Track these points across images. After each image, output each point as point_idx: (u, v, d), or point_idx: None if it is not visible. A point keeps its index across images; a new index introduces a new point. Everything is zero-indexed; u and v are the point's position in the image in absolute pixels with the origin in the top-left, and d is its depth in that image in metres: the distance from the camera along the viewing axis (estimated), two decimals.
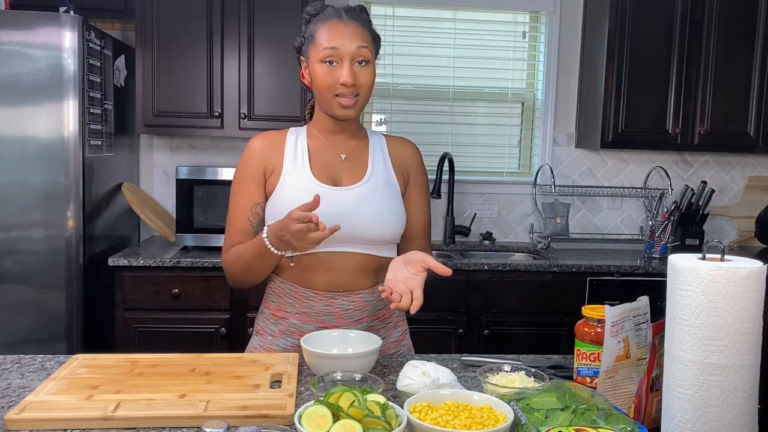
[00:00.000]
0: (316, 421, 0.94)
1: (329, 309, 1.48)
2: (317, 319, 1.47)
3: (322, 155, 1.51)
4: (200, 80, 2.93)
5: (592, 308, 1.20)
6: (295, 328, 1.49)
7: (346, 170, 1.50)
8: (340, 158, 1.51)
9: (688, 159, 3.54)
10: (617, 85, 3.10)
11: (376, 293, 1.50)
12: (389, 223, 1.48)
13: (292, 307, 1.49)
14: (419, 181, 1.60)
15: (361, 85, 1.43)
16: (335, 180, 1.49)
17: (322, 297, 1.47)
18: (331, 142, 1.52)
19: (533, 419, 0.97)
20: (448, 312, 2.81)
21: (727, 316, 0.89)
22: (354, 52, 1.41)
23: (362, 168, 1.51)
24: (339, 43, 1.40)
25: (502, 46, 3.46)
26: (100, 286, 2.74)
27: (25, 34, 2.46)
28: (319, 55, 1.42)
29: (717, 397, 0.90)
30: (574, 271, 2.86)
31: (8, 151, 2.48)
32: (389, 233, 1.49)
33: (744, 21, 3.12)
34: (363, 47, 1.42)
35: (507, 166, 3.54)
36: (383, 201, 1.48)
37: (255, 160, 1.50)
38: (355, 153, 1.53)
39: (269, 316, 1.54)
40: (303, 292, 1.48)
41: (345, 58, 1.41)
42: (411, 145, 1.62)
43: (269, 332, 1.52)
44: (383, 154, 1.56)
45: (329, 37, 1.41)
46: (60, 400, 1.09)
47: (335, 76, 1.41)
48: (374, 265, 1.50)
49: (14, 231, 2.51)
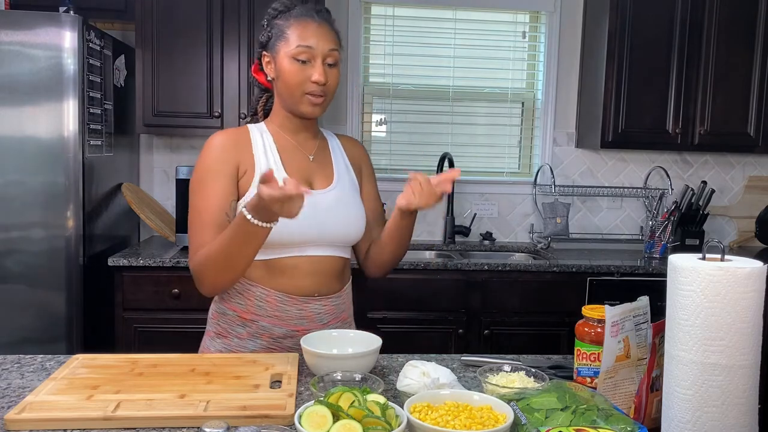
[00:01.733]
0: (316, 421, 0.94)
1: (302, 313, 1.47)
2: (289, 322, 1.47)
3: (291, 156, 1.51)
4: (200, 80, 2.93)
5: (592, 308, 1.20)
6: (264, 331, 1.47)
7: (316, 172, 1.52)
8: (308, 159, 1.53)
9: (688, 159, 3.54)
10: (617, 85, 3.10)
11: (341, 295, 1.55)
12: (358, 225, 1.54)
13: (262, 310, 1.47)
14: (369, 175, 1.66)
15: (330, 86, 1.46)
16: (308, 182, 1.50)
17: (297, 301, 1.47)
18: (297, 143, 1.53)
19: (533, 419, 0.97)
20: (448, 312, 2.81)
21: (727, 316, 0.89)
22: (326, 52, 1.44)
23: (329, 171, 1.54)
24: (313, 42, 1.43)
25: (502, 46, 3.46)
26: (100, 286, 2.73)
27: (25, 34, 2.46)
28: (290, 52, 1.43)
29: (717, 397, 0.90)
30: (574, 271, 2.86)
31: (8, 151, 2.48)
32: (357, 233, 1.54)
33: (744, 21, 3.12)
34: (334, 50, 1.46)
35: (507, 166, 3.54)
36: (351, 203, 1.53)
37: (224, 156, 1.45)
38: (320, 154, 1.56)
39: (234, 318, 1.49)
40: (276, 296, 1.46)
41: (318, 57, 1.43)
42: (359, 144, 1.69)
43: (236, 334, 1.49)
44: (342, 155, 1.60)
45: (303, 35, 1.43)
46: (60, 400, 1.09)
47: (307, 74, 1.43)
48: (342, 267, 1.55)
49: (14, 231, 2.51)
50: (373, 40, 3.40)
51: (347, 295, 1.60)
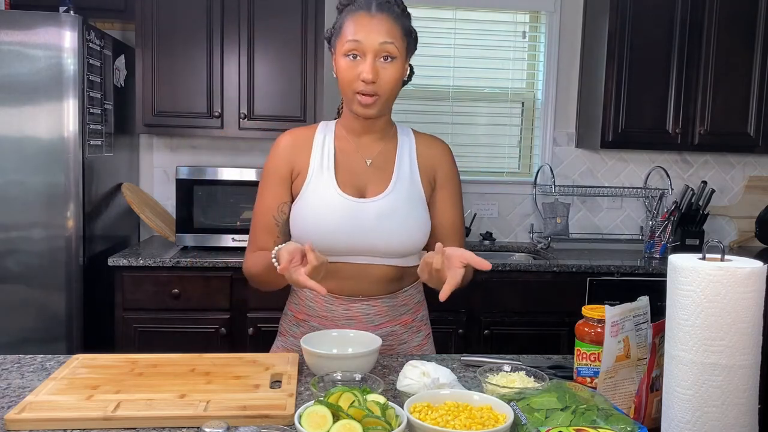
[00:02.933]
0: (316, 421, 0.94)
1: (349, 313, 1.46)
2: (337, 323, 1.46)
3: (347, 160, 1.46)
4: (200, 80, 2.93)
5: (592, 308, 1.20)
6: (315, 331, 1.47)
7: (371, 178, 1.46)
8: (365, 164, 1.47)
9: (688, 159, 3.54)
10: (617, 85, 3.10)
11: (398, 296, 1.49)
12: (411, 237, 1.44)
13: (312, 311, 1.48)
14: (448, 181, 1.53)
15: (383, 84, 1.36)
16: (359, 190, 1.44)
17: (342, 301, 1.46)
18: (357, 145, 1.48)
19: (533, 419, 0.97)
20: (448, 312, 2.81)
21: (727, 316, 0.89)
22: (377, 47, 1.35)
23: (387, 176, 1.46)
24: (362, 37, 1.34)
25: (502, 46, 3.46)
26: (100, 286, 2.73)
27: (25, 34, 2.46)
28: (343, 48, 1.37)
29: (717, 397, 0.90)
30: (574, 271, 2.86)
31: (8, 151, 2.48)
32: (410, 246, 1.45)
33: (744, 21, 3.12)
34: (388, 43, 1.35)
35: (507, 166, 3.54)
36: (406, 213, 1.44)
37: (281, 160, 1.46)
38: (381, 158, 1.48)
39: (291, 318, 1.53)
40: (323, 296, 1.46)
41: (368, 52, 1.34)
42: (441, 145, 1.56)
43: (291, 333, 1.52)
44: (410, 158, 1.50)
45: (354, 29, 1.35)
46: (60, 400, 1.09)
47: (357, 71, 1.35)
48: (396, 275, 1.48)
49: (14, 231, 2.51)
50: None
51: (408, 296, 1.52)
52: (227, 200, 2.91)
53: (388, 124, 1.51)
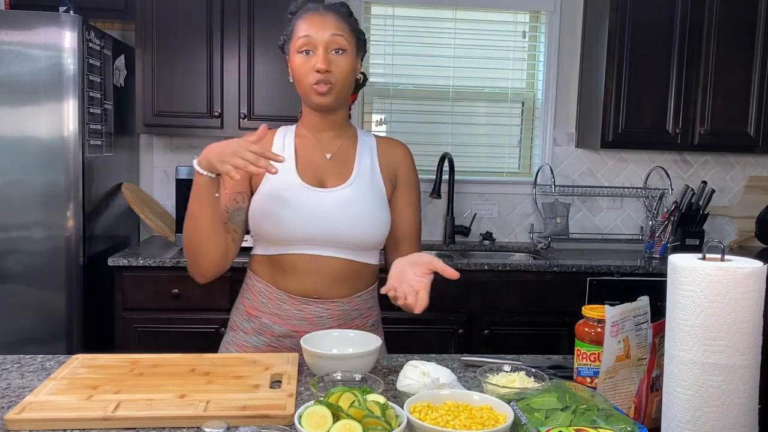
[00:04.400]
0: (316, 421, 0.94)
1: (301, 314, 1.46)
2: (289, 322, 1.46)
3: (307, 154, 1.49)
4: (200, 80, 2.93)
5: (592, 308, 1.20)
6: (266, 328, 1.48)
7: (331, 171, 1.48)
8: (325, 158, 1.49)
9: (688, 159, 3.54)
10: (617, 85, 3.10)
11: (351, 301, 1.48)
12: (371, 228, 1.45)
13: (265, 307, 1.48)
14: (408, 183, 1.55)
15: (336, 73, 1.41)
16: (320, 181, 1.47)
17: (295, 301, 1.46)
18: (317, 141, 1.51)
19: (533, 419, 0.97)
20: (448, 312, 2.81)
21: (727, 316, 0.89)
22: (328, 39, 1.40)
23: (348, 169, 1.49)
24: (313, 32, 1.40)
25: (502, 46, 3.46)
26: (100, 286, 2.73)
27: (25, 34, 2.46)
28: (295, 46, 1.42)
29: (717, 397, 0.90)
30: (574, 271, 2.86)
31: (8, 151, 2.48)
32: (370, 238, 1.46)
33: (744, 21, 3.12)
34: (337, 35, 1.41)
35: (507, 166, 3.54)
36: (366, 205, 1.45)
37: None
38: (341, 153, 1.51)
39: (243, 312, 1.53)
40: (277, 294, 1.47)
41: (319, 45, 1.40)
42: (402, 147, 1.58)
43: (242, 328, 1.52)
44: (371, 156, 1.52)
45: (305, 27, 1.41)
46: (60, 400, 1.09)
47: (310, 65, 1.40)
48: (352, 272, 1.47)
49: (14, 231, 2.51)
50: (373, 40, 3.40)
51: (361, 301, 1.51)
52: None
53: (345, 121, 1.54)
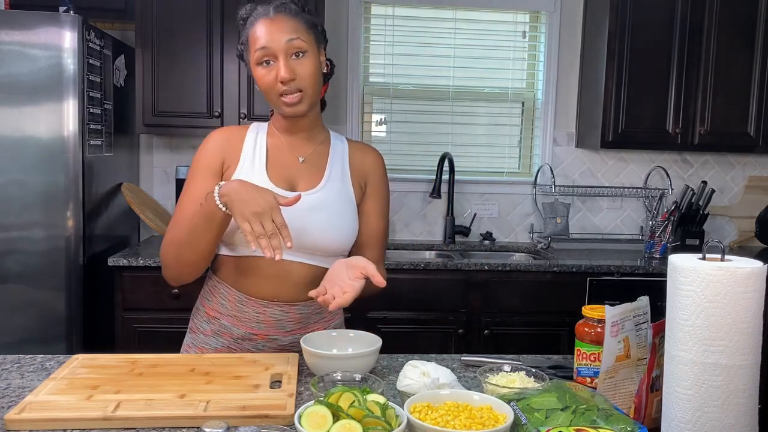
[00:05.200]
0: (316, 421, 0.94)
1: (260, 317, 1.44)
2: (248, 324, 1.45)
3: (279, 156, 1.47)
4: (200, 80, 2.93)
5: (592, 308, 1.20)
6: (225, 330, 1.46)
7: (303, 175, 1.46)
8: (297, 161, 1.47)
9: (688, 159, 3.54)
10: (617, 85, 3.10)
11: (313, 304, 1.46)
12: (338, 234, 1.44)
13: (224, 309, 1.47)
14: (377, 190, 1.54)
15: (302, 79, 1.37)
16: (290, 184, 1.44)
17: (254, 304, 1.44)
18: (290, 144, 1.49)
19: (533, 419, 0.97)
20: (448, 312, 2.81)
21: (727, 316, 0.89)
22: (285, 46, 1.35)
23: (319, 173, 1.47)
24: (267, 41, 1.36)
25: (502, 46, 3.46)
26: (100, 286, 2.73)
27: (25, 34, 2.46)
28: (254, 58, 1.38)
29: (717, 397, 0.90)
30: (574, 271, 2.86)
31: (8, 151, 2.48)
32: (336, 244, 1.44)
33: (744, 22, 3.12)
34: (294, 39, 1.36)
35: (507, 166, 3.53)
36: (334, 211, 1.44)
37: (213, 152, 1.45)
38: (313, 157, 1.48)
39: (203, 314, 1.51)
40: (236, 296, 1.45)
41: (278, 54, 1.36)
42: (373, 153, 1.56)
43: (201, 330, 1.51)
44: (342, 162, 1.51)
45: (258, 37, 1.37)
46: (60, 400, 1.09)
47: (273, 76, 1.37)
48: (316, 277, 1.43)
49: (14, 231, 2.51)
50: (373, 40, 3.40)
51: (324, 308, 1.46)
52: None
53: (317, 123, 1.51)
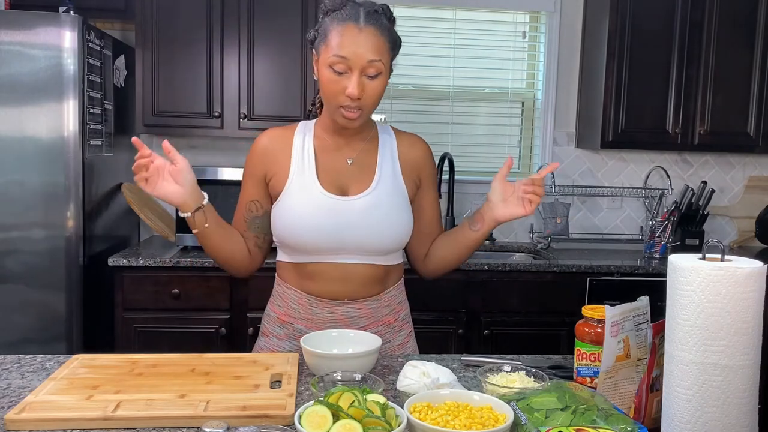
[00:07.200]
0: (316, 421, 0.94)
1: (333, 316, 1.47)
2: (321, 325, 1.46)
3: (328, 160, 1.46)
4: (200, 80, 2.93)
5: (592, 308, 1.20)
6: (300, 333, 1.47)
7: (353, 177, 1.46)
8: (346, 163, 1.46)
9: (688, 159, 3.54)
10: (617, 85, 3.10)
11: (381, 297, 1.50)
12: (395, 234, 1.45)
13: (297, 313, 1.49)
14: (431, 182, 1.57)
15: (367, 99, 1.36)
16: (342, 188, 1.44)
17: (326, 304, 1.46)
18: (337, 144, 1.48)
19: (533, 419, 0.97)
20: (448, 312, 2.81)
21: (727, 316, 0.89)
22: (364, 65, 1.32)
23: (369, 175, 1.46)
24: (349, 53, 1.32)
25: (502, 46, 3.46)
26: (100, 286, 2.73)
27: (25, 34, 2.46)
28: (328, 60, 1.34)
29: (717, 397, 0.90)
30: (574, 271, 2.86)
31: (8, 151, 2.48)
32: (395, 244, 1.46)
33: (744, 21, 3.12)
34: (375, 61, 1.33)
35: None
36: (389, 211, 1.44)
37: (257, 160, 1.49)
38: (362, 157, 1.48)
39: (275, 320, 1.53)
40: (307, 299, 1.47)
41: (354, 69, 1.33)
42: (422, 145, 1.57)
43: (275, 334, 1.53)
44: (392, 157, 1.50)
45: (341, 43, 1.32)
46: (60, 400, 1.09)
47: (341, 86, 1.34)
48: (380, 275, 1.48)
49: (14, 231, 2.51)
50: None
51: (391, 297, 1.53)
52: (227, 200, 2.88)
53: (367, 123, 1.50)
